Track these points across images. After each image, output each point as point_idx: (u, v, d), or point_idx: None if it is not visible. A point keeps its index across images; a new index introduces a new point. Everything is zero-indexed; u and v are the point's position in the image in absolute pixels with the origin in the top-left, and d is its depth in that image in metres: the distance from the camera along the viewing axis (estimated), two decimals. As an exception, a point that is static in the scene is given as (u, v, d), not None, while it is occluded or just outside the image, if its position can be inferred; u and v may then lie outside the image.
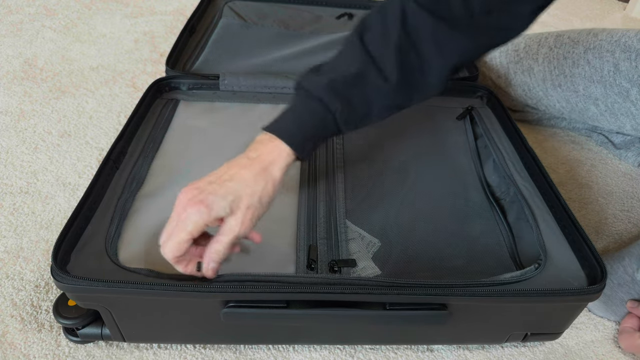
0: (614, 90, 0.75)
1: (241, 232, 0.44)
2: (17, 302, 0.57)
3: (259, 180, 0.46)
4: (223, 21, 0.94)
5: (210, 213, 0.43)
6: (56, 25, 1.15)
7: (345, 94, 0.49)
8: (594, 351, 0.59)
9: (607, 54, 0.76)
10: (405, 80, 0.49)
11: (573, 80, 0.80)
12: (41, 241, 0.64)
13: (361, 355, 0.55)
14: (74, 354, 0.53)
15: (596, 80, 0.77)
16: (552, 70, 0.82)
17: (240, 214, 0.44)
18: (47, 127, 0.83)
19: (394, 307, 0.46)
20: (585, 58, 0.78)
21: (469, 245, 0.57)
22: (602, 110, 0.79)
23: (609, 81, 0.75)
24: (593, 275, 0.50)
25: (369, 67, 0.49)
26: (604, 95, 0.77)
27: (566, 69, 0.81)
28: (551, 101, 0.85)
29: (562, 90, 0.82)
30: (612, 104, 0.77)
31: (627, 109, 0.75)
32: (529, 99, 0.89)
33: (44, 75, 0.97)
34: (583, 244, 0.52)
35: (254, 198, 0.45)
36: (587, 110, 0.81)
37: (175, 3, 1.31)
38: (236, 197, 0.44)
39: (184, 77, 0.77)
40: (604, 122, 0.81)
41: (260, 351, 0.55)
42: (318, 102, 0.49)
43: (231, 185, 0.44)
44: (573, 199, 0.80)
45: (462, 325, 0.51)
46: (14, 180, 0.73)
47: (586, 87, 0.79)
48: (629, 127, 0.78)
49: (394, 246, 0.57)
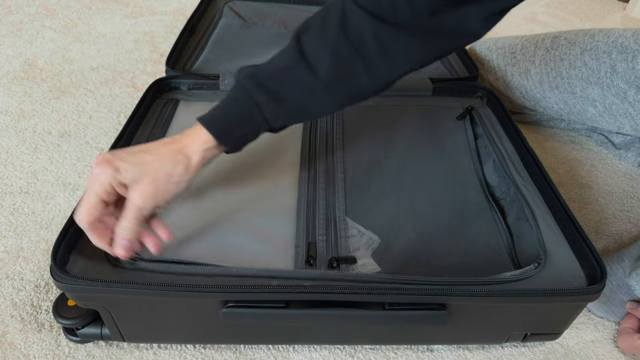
0: (612, 92, 0.75)
1: (141, 205, 0.45)
2: (17, 302, 0.57)
3: (171, 159, 0.47)
4: (223, 21, 0.94)
5: (115, 175, 0.44)
6: (56, 25, 1.15)
7: (272, 86, 0.49)
8: (593, 351, 0.59)
9: (603, 55, 0.75)
10: (341, 79, 0.49)
11: (570, 82, 0.80)
12: (41, 241, 0.64)
13: (361, 355, 0.55)
14: (74, 354, 0.53)
15: (593, 81, 0.77)
16: (549, 73, 0.82)
17: (142, 185, 0.45)
18: (47, 127, 0.83)
19: (393, 307, 0.46)
20: (582, 59, 0.78)
21: (467, 244, 0.57)
22: (600, 111, 0.79)
23: (606, 82, 0.75)
24: (593, 275, 0.50)
25: (298, 64, 0.49)
26: (601, 97, 0.77)
27: (563, 71, 0.80)
28: (549, 103, 0.85)
29: (559, 92, 0.82)
30: (610, 105, 0.77)
31: (625, 110, 0.75)
32: (527, 101, 0.89)
33: (44, 75, 0.97)
34: (583, 243, 0.52)
35: (161, 174, 0.46)
36: (585, 111, 0.81)
37: (175, 3, 1.31)
38: (144, 168, 0.45)
39: (184, 77, 0.77)
40: (603, 123, 0.81)
41: (260, 351, 0.55)
42: (243, 91, 0.50)
43: (143, 157, 0.46)
44: (573, 199, 0.80)
45: (462, 325, 0.51)
46: (14, 180, 0.73)
47: (583, 88, 0.79)
48: (628, 127, 0.78)
49: (393, 244, 0.57)
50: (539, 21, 1.53)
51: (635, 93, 0.72)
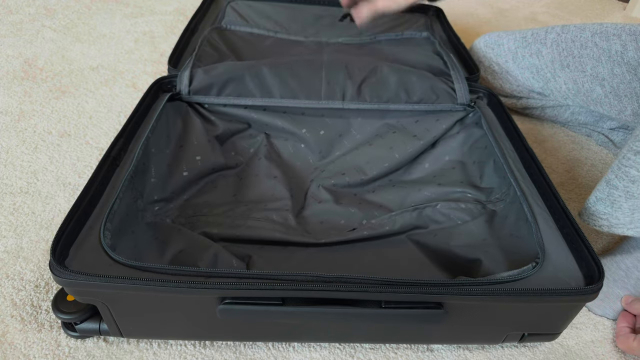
0: (622, 69, 0.77)
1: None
2: (17, 302, 0.57)
3: None
4: (225, 21, 0.95)
5: None
6: (56, 25, 1.15)
7: None
8: (593, 351, 0.59)
9: (613, 37, 0.78)
10: None
11: (581, 61, 0.82)
12: (41, 241, 0.64)
13: (361, 355, 0.55)
14: (74, 354, 0.53)
15: (604, 60, 0.79)
16: (560, 52, 0.85)
17: None
18: (47, 127, 0.84)
19: (390, 305, 0.47)
20: (592, 41, 0.81)
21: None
22: (607, 91, 0.80)
23: (617, 60, 0.78)
24: (590, 275, 0.50)
25: None
26: (610, 75, 0.79)
27: (575, 50, 0.83)
28: (558, 83, 0.87)
29: (570, 71, 0.84)
30: (617, 85, 0.79)
31: (632, 89, 0.77)
32: (536, 81, 0.90)
33: (44, 75, 0.97)
34: (581, 243, 0.52)
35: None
36: (592, 91, 0.83)
37: (175, 3, 1.32)
38: None
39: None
40: (607, 105, 0.82)
41: (260, 351, 0.55)
42: None
43: None
44: (573, 199, 0.80)
45: (458, 324, 0.51)
46: (14, 180, 0.73)
47: (594, 66, 0.81)
48: (630, 111, 0.79)
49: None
50: (539, 21, 1.53)
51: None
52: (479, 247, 0.59)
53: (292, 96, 0.72)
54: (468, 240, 0.61)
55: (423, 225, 0.64)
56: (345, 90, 0.72)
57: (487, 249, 0.58)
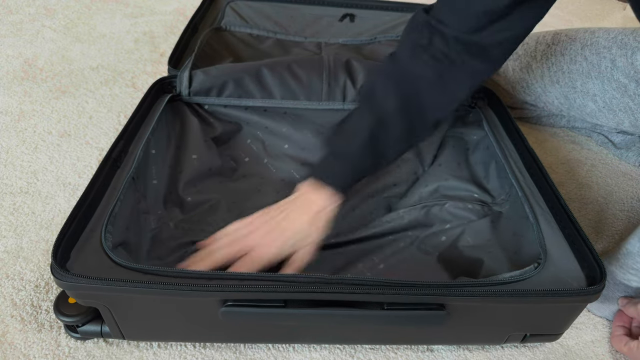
0: (612, 86, 0.75)
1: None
2: (17, 302, 0.57)
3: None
4: (225, 22, 0.94)
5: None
6: (56, 25, 1.15)
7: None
8: (593, 351, 0.59)
9: (604, 50, 0.76)
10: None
11: (571, 77, 0.81)
12: (41, 241, 0.64)
13: (361, 355, 0.55)
14: (74, 354, 0.53)
15: (594, 75, 0.78)
16: (550, 67, 0.83)
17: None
18: (47, 127, 0.83)
19: (392, 307, 0.46)
20: (582, 54, 0.79)
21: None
22: (600, 106, 0.79)
23: (606, 76, 0.76)
24: (592, 276, 0.50)
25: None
26: (601, 91, 0.78)
27: (564, 66, 0.81)
28: (550, 98, 0.86)
29: (560, 87, 0.83)
30: (610, 100, 0.77)
31: (625, 104, 0.76)
32: (528, 95, 0.89)
33: (44, 75, 0.97)
34: (582, 244, 0.52)
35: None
36: (585, 106, 0.82)
37: (175, 3, 1.31)
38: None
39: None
40: (603, 118, 0.81)
41: (260, 351, 0.55)
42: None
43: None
44: (573, 199, 0.80)
45: (460, 325, 0.51)
46: (14, 180, 0.73)
47: (584, 83, 0.79)
48: (628, 123, 0.78)
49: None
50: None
51: (636, 87, 0.73)
52: (483, 247, 0.59)
53: (292, 97, 0.72)
54: (473, 241, 0.61)
55: (430, 223, 0.64)
56: (345, 91, 0.72)
57: (490, 249, 0.58)
